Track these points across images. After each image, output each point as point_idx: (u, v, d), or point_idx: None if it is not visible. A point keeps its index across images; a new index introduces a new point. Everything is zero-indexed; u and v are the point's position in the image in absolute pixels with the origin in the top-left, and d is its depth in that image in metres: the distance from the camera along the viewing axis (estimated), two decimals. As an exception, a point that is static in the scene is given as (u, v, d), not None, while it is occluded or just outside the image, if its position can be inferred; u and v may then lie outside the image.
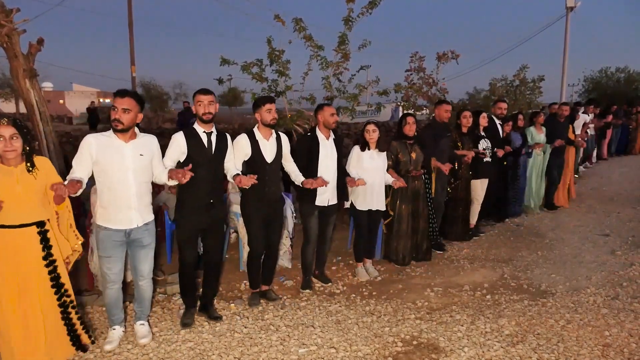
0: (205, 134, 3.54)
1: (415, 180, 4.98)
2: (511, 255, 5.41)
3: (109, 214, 3.17)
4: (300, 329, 3.66)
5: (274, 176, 3.94)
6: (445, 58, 8.83)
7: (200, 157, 3.49)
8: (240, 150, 3.81)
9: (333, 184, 4.28)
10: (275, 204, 4.01)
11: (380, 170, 4.60)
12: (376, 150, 4.57)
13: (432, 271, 4.91)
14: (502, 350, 3.34)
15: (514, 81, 10.67)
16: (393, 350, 3.36)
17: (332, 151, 4.28)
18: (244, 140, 3.82)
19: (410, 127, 4.85)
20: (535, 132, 7.07)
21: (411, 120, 4.88)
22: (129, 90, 3.16)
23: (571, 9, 20.31)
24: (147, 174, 3.28)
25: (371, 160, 4.54)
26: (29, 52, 5.20)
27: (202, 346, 3.39)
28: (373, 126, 4.55)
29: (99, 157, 3.07)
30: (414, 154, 4.91)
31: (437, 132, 5.37)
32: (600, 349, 3.35)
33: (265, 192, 3.87)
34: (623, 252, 5.45)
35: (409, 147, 4.91)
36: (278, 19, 6.45)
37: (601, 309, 3.97)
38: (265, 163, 3.85)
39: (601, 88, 26.15)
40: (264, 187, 3.80)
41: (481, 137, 5.93)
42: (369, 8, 6.52)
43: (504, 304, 4.11)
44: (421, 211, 5.07)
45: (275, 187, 3.98)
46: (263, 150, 3.85)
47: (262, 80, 6.45)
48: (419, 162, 4.98)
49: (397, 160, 4.87)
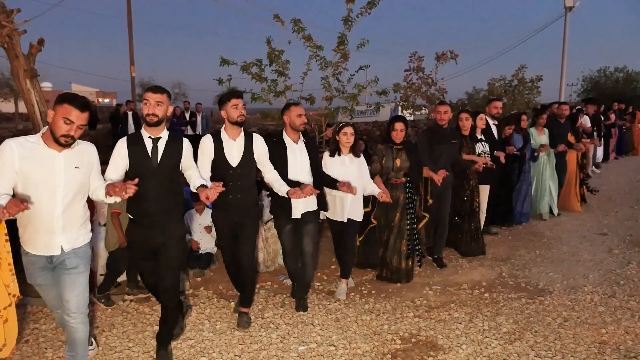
0: (150, 140, 2.99)
1: (395, 188, 4.49)
2: (509, 254, 5.44)
3: (29, 236, 2.63)
4: (300, 326, 3.69)
5: (242, 182, 3.48)
6: (444, 58, 8.87)
7: (142, 167, 2.96)
8: (204, 153, 3.45)
9: None
10: (243, 214, 3.54)
11: (355, 178, 4.04)
12: (349, 155, 4.13)
13: (430, 270, 4.94)
14: (499, 347, 3.38)
15: (512, 81, 10.71)
16: (392, 347, 3.39)
17: (302, 156, 3.85)
18: (208, 142, 3.46)
19: (397, 134, 4.42)
20: (537, 134, 6.76)
21: (399, 126, 4.43)
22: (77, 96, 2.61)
23: (570, 8, 20.37)
24: (81, 190, 2.70)
25: (342, 167, 4.07)
26: (30, 53, 5.21)
27: (203, 344, 3.42)
28: (351, 129, 4.08)
29: (22, 168, 2.49)
30: (398, 161, 4.47)
31: (436, 138, 4.87)
32: (597, 346, 3.38)
33: (230, 201, 3.43)
34: (620, 251, 5.49)
35: (395, 152, 4.48)
36: (277, 19, 6.48)
37: (598, 307, 4.00)
38: (229, 167, 3.43)
39: (600, 88, 26.20)
40: (227, 194, 3.32)
41: (479, 140, 5.57)
42: (368, 8, 6.54)
43: (502, 302, 4.14)
44: (396, 224, 4.53)
45: (244, 195, 3.50)
46: (227, 153, 3.44)
47: (261, 80, 6.48)
48: (402, 170, 4.51)
49: (380, 165, 4.48)
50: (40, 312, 3.87)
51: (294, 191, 3.46)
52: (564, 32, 20.60)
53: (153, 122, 2.93)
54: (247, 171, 3.52)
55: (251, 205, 3.62)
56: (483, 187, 5.65)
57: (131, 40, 18.50)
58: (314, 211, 3.93)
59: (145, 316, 3.84)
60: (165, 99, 2.94)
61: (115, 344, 3.40)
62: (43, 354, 3.26)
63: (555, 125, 7.02)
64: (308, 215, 3.88)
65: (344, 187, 3.79)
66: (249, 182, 3.57)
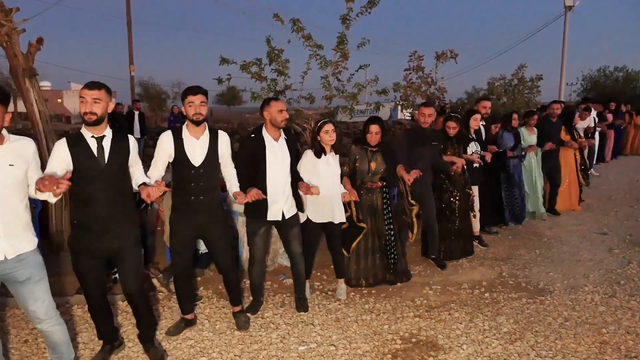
0: (94, 140, 2.80)
1: (371, 192, 4.36)
2: (509, 254, 5.43)
3: None
4: (300, 326, 3.68)
5: (205, 183, 3.28)
6: (444, 57, 8.85)
7: (89, 168, 2.77)
8: (162, 151, 3.24)
9: (286, 192, 3.72)
10: (208, 217, 3.35)
11: (338, 177, 4.03)
12: (332, 154, 4.02)
13: (430, 269, 4.93)
14: (500, 347, 3.37)
15: (512, 80, 10.68)
16: (392, 347, 3.38)
17: (282, 155, 3.66)
18: (167, 139, 3.25)
19: (372, 137, 4.23)
20: (527, 133, 6.68)
21: (375, 129, 4.22)
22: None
23: (570, 8, 20.38)
24: (19, 190, 2.51)
25: (328, 167, 3.96)
26: (29, 52, 5.20)
27: (203, 344, 3.41)
28: (331, 126, 3.95)
29: None
30: (373, 164, 4.28)
31: (417, 139, 4.74)
32: (598, 346, 3.38)
33: (192, 202, 3.27)
34: (621, 251, 5.48)
35: (370, 155, 4.29)
36: (277, 18, 6.46)
37: (599, 307, 3.99)
38: (191, 166, 3.23)
39: (600, 87, 26.22)
40: (189, 195, 3.25)
41: (471, 139, 5.48)
42: (367, 7, 6.52)
43: (503, 302, 4.13)
44: (379, 228, 4.43)
45: (207, 196, 3.31)
46: (189, 151, 3.23)
47: (261, 79, 6.46)
48: (377, 173, 4.34)
49: (354, 167, 4.30)
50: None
51: (239, 194, 3.35)
52: (563, 32, 20.62)
53: (91, 121, 2.72)
54: (211, 171, 3.33)
55: (216, 207, 3.43)
56: (474, 188, 5.52)
57: (130, 40, 18.49)
58: (296, 214, 3.83)
59: (145, 316, 3.83)
60: (103, 95, 2.73)
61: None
62: (42, 354, 3.26)
63: (547, 124, 6.94)
64: (292, 219, 3.78)
65: (303, 188, 3.67)
66: (213, 183, 3.37)
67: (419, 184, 4.62)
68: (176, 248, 3.44)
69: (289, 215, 3.74)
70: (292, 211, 3.77)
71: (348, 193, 4.04)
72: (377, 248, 4.44)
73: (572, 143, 7.01)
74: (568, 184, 7.27)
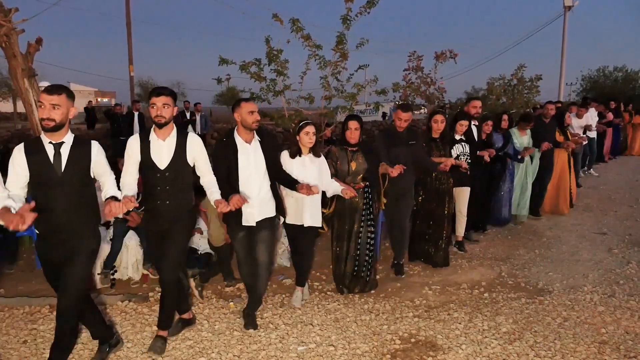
0: (52, 146, 2.70)
1: None
2: (509, 254, 5.43)
3: None
4: (299, 327, 3.68)
5: (172, 187, 3.13)
6: (443, 57, 8.85)
7: (45, 176, 2.68)
8: (130, 155, 3.12)
9: (260, 196, 3.56)
10: (171, 221, 3.18)
11: (315, 179, 3.82)
12: (309, 156, 3.89)
13: (430, 269, 4.93)
14: (499, 347, 3.37)
15: (511, 80, 10.68)
16: (391, 347, 3.38)
17: (255, 158, 3.51)
18: (133, 142, 3.13)
19: (352, 133, 4.10)
20: (518, 134, 6.49)
21: (354, 125, 4.09)
22: None
23: (569, 8, 20.37)
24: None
25: (303, 168, 3.82)
26: (28, 52, 5.20)
27: (202, 344, 3.41)
28: (312, 128, 3.82)
29: None
30: (354, 164, 4.13)
31: (392, 140, 4.56)
32: (597, 346, 3.38)
33: (158, 207, 3.14)
34: (620, 251, 5.49)
35: (350, 155, 4.15)
36: (276, 18, 6.46)
37: (598, 307, 4.00)
38: (156, 170, 3.09)
39: (599, 87, 26.25)
40: (156, 199, 3.13)
41: (457, 141, 5.25)
42: (367, 7, 6.53)
43: (502, 302, 4.14)
44: (355, 233, 4.23)
45: (174, 201, 3.15)
46: (154, 154, 3.09)
47: (260, 79, 6.46)
48: (358, 174, 4.18)
49: (335, 168, 4.13)
50: (39, 313, 3.85)
51: (221, 201, 3.15)
52: (563, 32, 20.61)
53: (49, 127, 2.62)
54: (178, 175, 3.14)
55: (184, 212, 3.23)
56: (461, 189, 5.29)
57: (130, 40, 18.48)
58: (270, 218, 3.65)
59: (144, 316, 3.83)
60: (63, 101, 2.63)
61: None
62: (41, 354, 3.25)
63: (540, 124, 6.76)
64: (264, 222, 3.59)
65: (303, 190, 3.52)
66: (181, 187, 3.19)
67: (398, 185, 4.47)
68: (155, 253, 3.31)
69: (259, 218, 3.56)
70: (263, 214, 3.57)
71: (346, 189, 3.88)
72: (352, 253, 4.25)
73: (568, 143, 6.86)
74: (556, 186, 7.07)
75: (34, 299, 4.06)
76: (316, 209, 3.90)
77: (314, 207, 3.88)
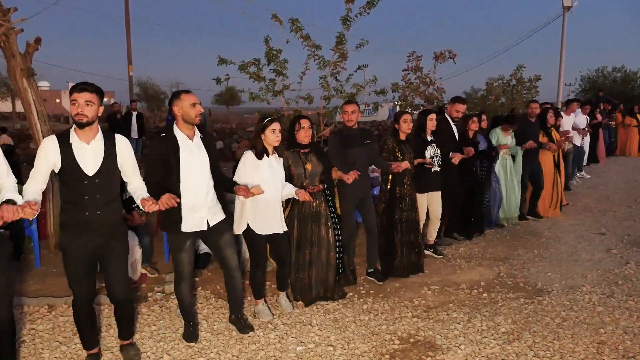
0: None
1: (314, 197, 3.91)
2: (507, 254, 5.43)
3: None
4: (298, 327, 3.68)
5: (102, 195, 2.79)
6: (442, 57, 8.88)
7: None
8: (44, 159, 2.71)
9: (210, 198, 3.24)
10: (107, 235, 2.86)
11: (282, 180, 3.68)
12: (274, 156, 3.66)
13: (428, 270, 4.93)
14: (498, 347, 3.37)
15: (510, 80, 10.71)
16: (390, 348, 3.38)
17: (199, 155, 3.18)
18: (50, 144, 2.72)
19: (305, 133, 3.88)
20: (502, 135, 6.28)
21: (306, 124, 3.89)
22: None
23: (568, 8, 20.40)
24: None
25: (271, 169, 3.59)
26: (27, 52, 5.19)
27: (201, 344, 3.41)
28: (278, 125, 3.58)
29: None
30: (309, 166, 3.91)
31: (347, 141, 4.34)
32: (596, 346, 3.38)
33: (86, 219, 2.76)
34: (619, 251, 5.49)
35: (303, 157, 3.93)
36: (275, 18, 6.47)
37: (596, 307, 4.00)
38: (83, 177, 2.73)
39: (598, 87, 26.30)
40: (83, 210, 2.75)
41: (428, 142, 4.98)
42: (367, 8, 6.53)
43: (501, 302, 4.14)
44: (323, 237, 3.98)
45: (105, 212, 2.81)
46: (80, 158, 2.72)
47: (259, 79, 6.47)
48: (315, 175, 3.96)
49: (289, 173, 3.89)
50: (37, 313, 3.84)
51: (146, 202, 2.80)
52: (562, 32, 20.63)
53: None
54: (108, 181, 2.84)
55: (116, 223, 2.93)
56: (432, 194, 5.06)
57: (129, 39, 18.47)
58: (224, 220, 3.36)
59: (143, 317, 3.83)
60: None
61: (112, 344, 3.38)
62: (40, 354, 3.24)
63: (525, 124, 6.58)
64: (221, 224, 3.32)
65: (242, 191, 3.24)
66: (112, 195, 2.88)
67: (359, 188, 4.25)
68: (73, 276, 2.85)
69: (215, 221, 3.27)
70: (218, 217, 3.31)
71: (300, 192, 3.63)
72: (318, 260, 4.00)
73: (550, 145, 6.65)
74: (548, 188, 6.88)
75: (33, 299, 4.05)
76: (281, 214, 3.70)
77: (279, 212, 3.67)
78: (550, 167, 6.90)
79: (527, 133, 6.47)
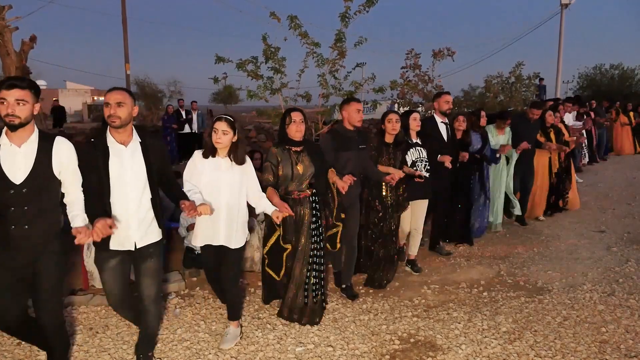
0: None
1: (298, 204, 3.51)
2: (507, 252, 5.41)
3: None
4: (297, 327, 3.64)
5: (32, 207, 2.44)
6: (440, 55, 8.84)
7: None
8: None
9: (140, 214, 2.76)
10: (34, 253, 2.50)
11: (234, 188, 3.19)
12: (226, 159, 3.18)
13: (428, 269, 4.90)
14: (499, 347, 3.34)
15: (509, 78, 10.69)
16: (390, 348, 3.35)
17: (133, 163, 2.72)
18: None
19: (297, 127, 3.43)
20: (496, 133, 5.95)
21: (298, 117, 3.44)
22: None
23: (566, 5, 20.41)
24: None
25: (216, 172, 3.15)
26: (22, 50, 5.15)
27: (199, 345, 3.37)
28: (224, 125, 3.08)
29: None
30: (300, 167, 3.47)
31: (341, 143, 3.90)
32: (597, 345, 3.36)
33: (12, 234, 2.43)
34: (619, 249, 5.47)
35: (295, 156, 3.49)
36: (274, 16, 6.42)
37: (598, 306, 3.98)
38: (9, 185, 2.39)
39: (595, 85, 26.37)
40: (8, 223, 2.41)
41: (412, 145, 4.61)
42: (366, 6, 6.49)
43: (501, 301, 4.11)
44: (301, 249, 3.54)
45: (34, 226, 2.46)
46: (6, 164, 2.39)
47: (257, 77, 6.42)
48: (304, 178, 3.52)
49: (274, 174, 3.47)
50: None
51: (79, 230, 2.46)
52: (560, 29, 20.65)
53: None
54: (40, 191, 2.46)
55: (51, 239, 2.55)
56: (418, 202, 4.66)
57: (126, 38, 18.38)
58: (155, 243, 2.85)
59: (140, 317, 3.78)
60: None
61: (109, 345, 3.35)
62: (35, 356, 3.20)
63: (523, 124, 6.27)
64: (150, 248, 2.82)
65: (187, 208, 2.79)
66: (44, 206, 2.50)
67: (346, 195, 3.77)
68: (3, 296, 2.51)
69: (143, 243, 2.79)
70: (150, 238, 2.82)
71: (277, 209, 3.19)
72: (304, 272, 3.58)
73: (549, 144, 6.41)
74: (535, 190, 6.67)
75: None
76: (237, 226, 3.25)
77: (233, 225, 3.23)
78: (545, 170, 6.65)
79: (524, 133, 6.14)
